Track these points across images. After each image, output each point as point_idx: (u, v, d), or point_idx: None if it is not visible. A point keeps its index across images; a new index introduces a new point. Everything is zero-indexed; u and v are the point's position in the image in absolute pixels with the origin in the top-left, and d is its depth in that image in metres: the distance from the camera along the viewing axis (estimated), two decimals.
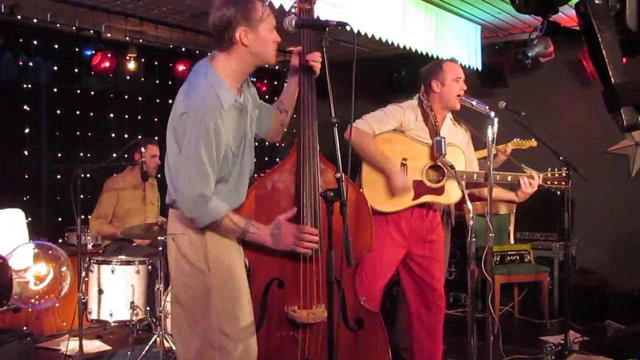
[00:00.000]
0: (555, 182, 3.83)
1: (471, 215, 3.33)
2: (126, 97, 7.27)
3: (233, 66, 2.65)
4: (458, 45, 6.27)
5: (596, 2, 1.34)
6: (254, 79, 7.70)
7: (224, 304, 2.66)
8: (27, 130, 6.36)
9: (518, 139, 5.08)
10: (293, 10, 2.85)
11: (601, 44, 1.34)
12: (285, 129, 3.03)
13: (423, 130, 3.79)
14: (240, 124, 2.68)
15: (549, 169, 3.86)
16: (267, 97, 7.35)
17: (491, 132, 3.50)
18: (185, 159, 2.56)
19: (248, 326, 2.69)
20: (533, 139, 5.07)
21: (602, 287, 6.27)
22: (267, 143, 7.81)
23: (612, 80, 1.33)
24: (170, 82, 7.27)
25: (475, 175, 3.73)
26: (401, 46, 5.52)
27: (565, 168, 3.88)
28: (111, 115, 7.11)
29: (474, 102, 3.70)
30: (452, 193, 3.78)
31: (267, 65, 8.24)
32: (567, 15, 2.79)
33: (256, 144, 2.95)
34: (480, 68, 6.68)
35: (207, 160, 2.53)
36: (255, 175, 2.97)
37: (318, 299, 2.82)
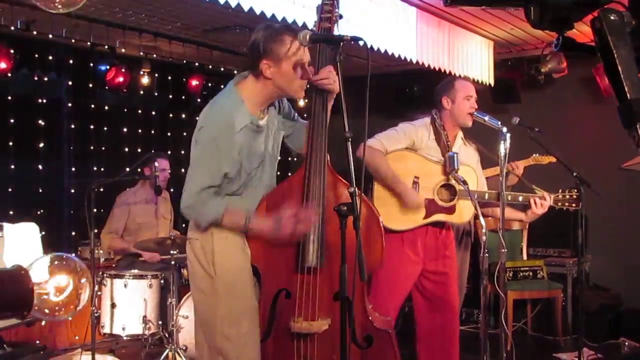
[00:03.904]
0: (567, 204, 3.80)
1: (484, 230, 3.31)
2: (140, 111, 7.32)
3: (256, 91, 2.71)
4: (470, 61, 6.28)
5: (612, 18, 1.35)
6: None
7: (228, 309, 2.73)
8: (41, 145, 6.42)
9: (537, 155, 5.00)
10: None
11: (617, 59, 1.34)
12: None
13: (435, 149, 3.78)
14: (256, 143, 2.74)
15: (560, 190, 3.83)
16: None
17: (503, 147, 3.49)
18: (192, 167, 2.69)
19: (250, 333, 2.75)
20: (552, 155, 4.97)
21: (616, 304, 6.23)
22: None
23: (628, 96, 1.33)
24: (183, 97, 7.32)
25: (487, 194, 3.72)
26: (414, 62, 5.54)
27: (576, 190, 3.83)
28: (125, 129, 7.16)
29: (486, 118, 3.69)
30: (464, 211, 3.77)
31: None
32: (580, 32, 2.79)
33: None
34: (492, 84, 6.68)
35: (210, 173, 2.64)
36: None
37: (324, 312, 2.81)
